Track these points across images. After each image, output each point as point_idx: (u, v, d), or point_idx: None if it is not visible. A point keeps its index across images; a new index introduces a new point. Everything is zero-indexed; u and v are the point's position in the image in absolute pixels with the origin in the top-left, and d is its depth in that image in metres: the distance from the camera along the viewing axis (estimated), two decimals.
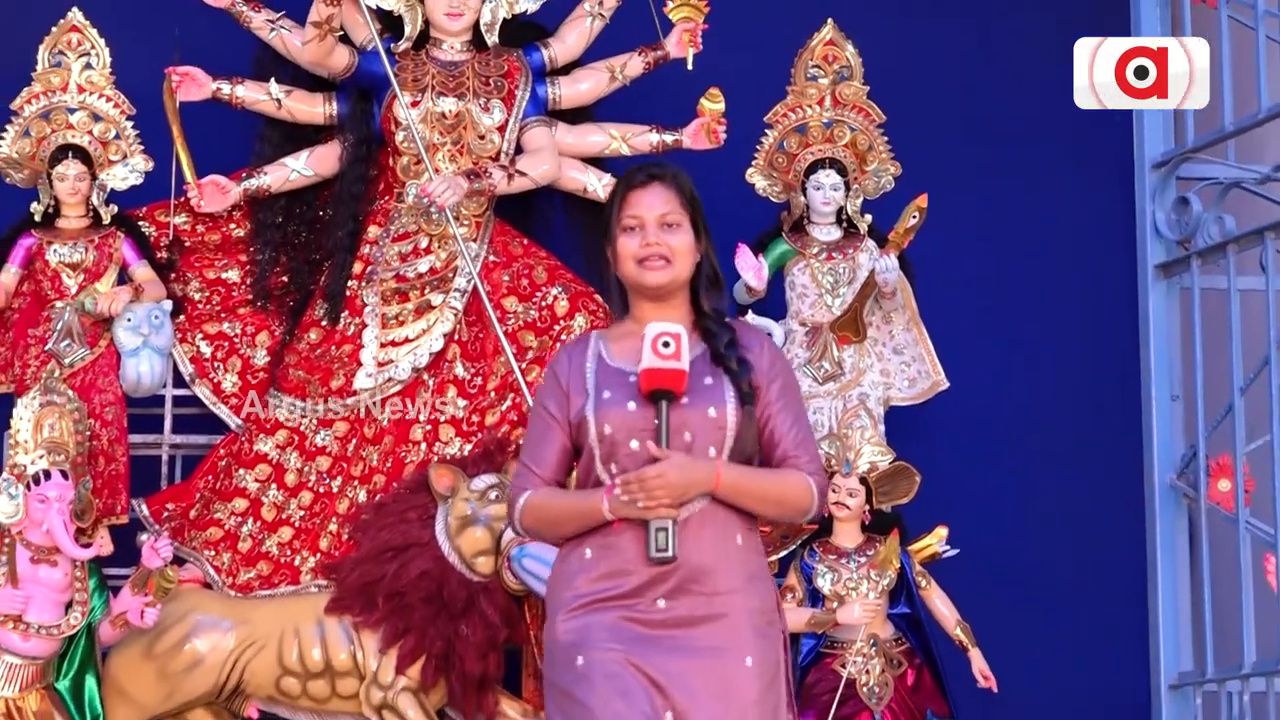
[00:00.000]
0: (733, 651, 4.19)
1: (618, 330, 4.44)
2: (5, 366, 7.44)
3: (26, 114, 7.52)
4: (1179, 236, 5.43)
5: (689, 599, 4.22)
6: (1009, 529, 7.84)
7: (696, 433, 4.26)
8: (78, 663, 6.95)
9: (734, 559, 4.27)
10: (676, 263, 4.33)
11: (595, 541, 4.27)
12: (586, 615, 4.24)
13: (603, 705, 4.14)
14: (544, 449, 4.39)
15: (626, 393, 4.28)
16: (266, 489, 7.49)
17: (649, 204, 4.35)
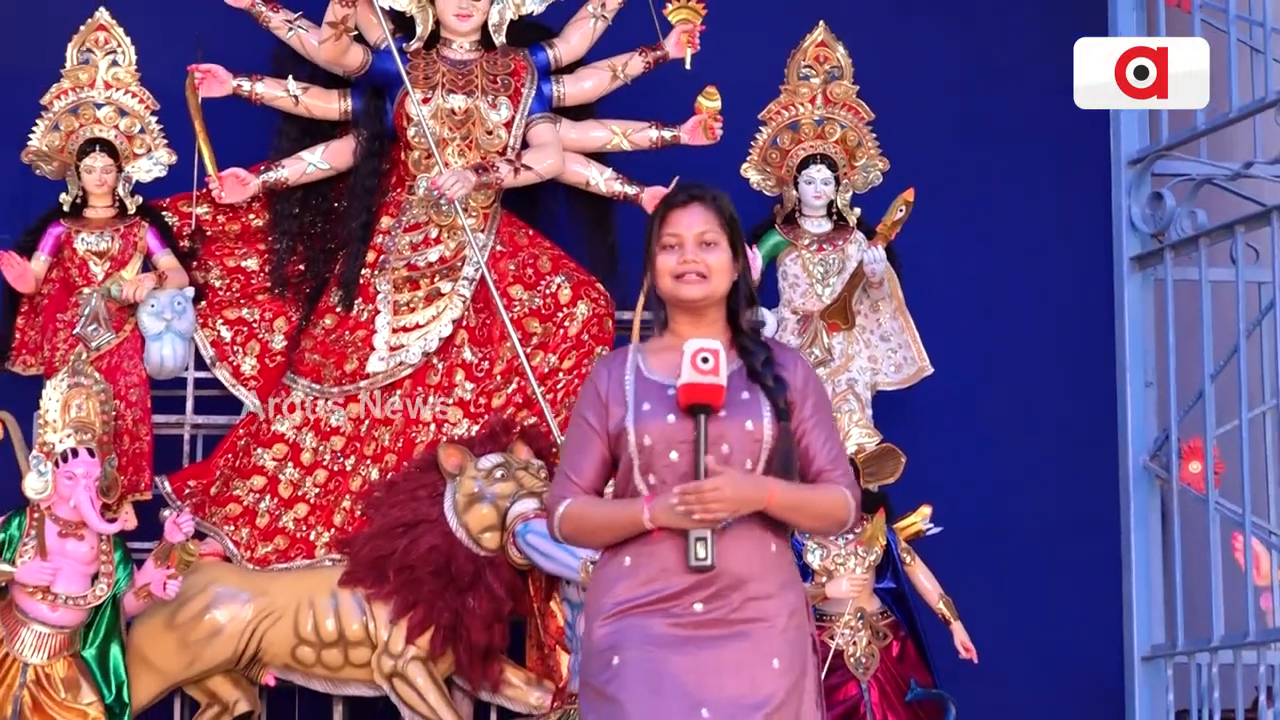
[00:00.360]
0: (762, 653, 4.16)
1: (656, 344, 4.40)
2: (35, 349, 7.45)
3: (56, 109, 7.53)
4: (1153, 230, 5.43)
5: (724, 604, 4.18)
6: (990, 508, 7.84)
7: (734, 445, 4.22)
8: (103, 632, 6.97)
9: (769, 567, 4.24)
10: (712, 279, 4.29)
11: (634, 549, 4.24)
12: (624, 619, 4.21)
13: (635, 701, 4.12)
14: (583, 459, 4.35)
15: (666, 405, 4.24)
16: (283, 467, 7.50)
17: (688, 223, 4.32)
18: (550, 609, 7.24)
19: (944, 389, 7.80)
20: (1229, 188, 5.49)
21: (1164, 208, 5.41)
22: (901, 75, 8.05)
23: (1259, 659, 5.23)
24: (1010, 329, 8.17)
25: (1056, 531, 7.75)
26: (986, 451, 8.04)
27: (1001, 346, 8.15)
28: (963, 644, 7.22)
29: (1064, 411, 7.66)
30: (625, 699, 4.14)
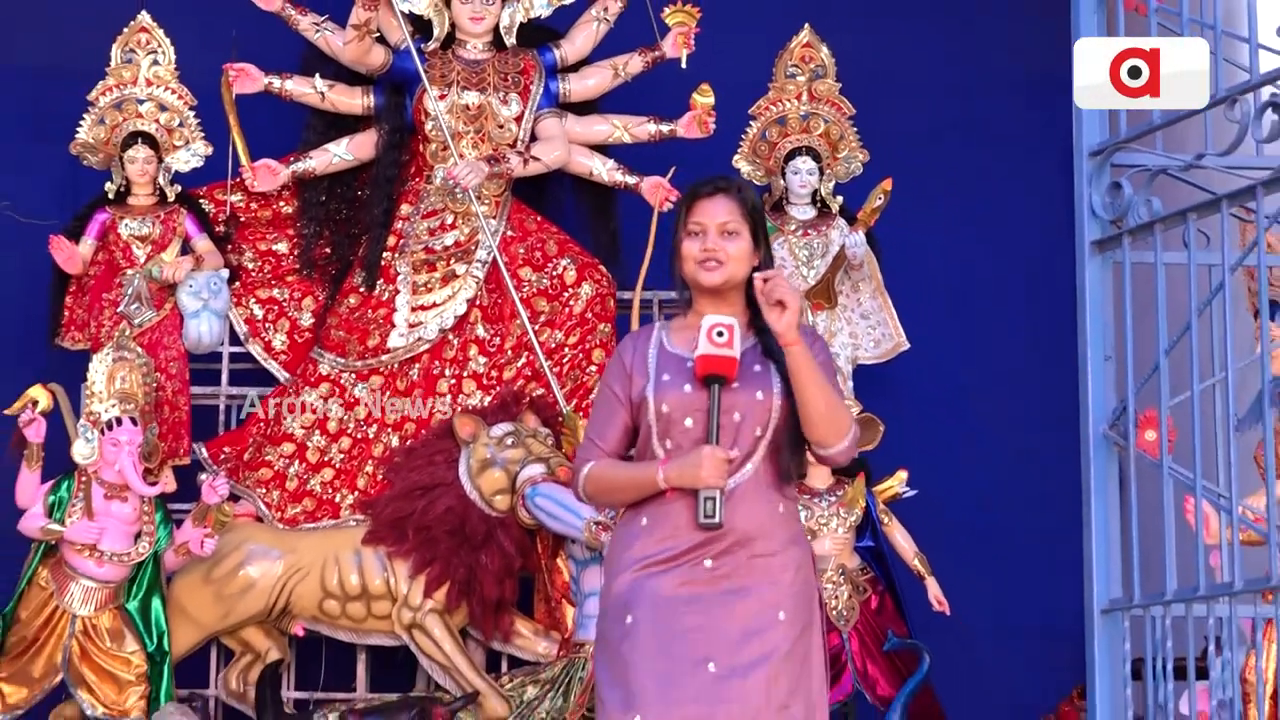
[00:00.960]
0: (769, 606, 4.15)
1: (679, 322, 4.38)
2: (82, 326, 7.46)
3: (101, 104, 7.55)
4: (1112, 217, 5.41)
5: (733, 560, 4.17)
6: (962, 473, 7.85)
7: (745, 414, 4.21)
8: (145, 586, 6.97)
9: (776, 525, 4.23)
10: (730, 266, 4.27)
11: (651, 509, 4.22)
12: (640, 578, 4.19)
13: (646, 660, 4.11)
14: (607, 426, 4.34)
15: (683, 376, 4.23)
16: (311, 435, 7.51)
17: (712, 213, 4.30)
18: (556, 565, 7.26)
19: (919, 363, 7.81)
20: (1182, 178, 5.48)
21: (1122, 196, 5.39)
22: (881, 74, 8.04)
23: (1208, 611, 5.23)
24: (981, 308, 8.17)
25: (1023, 494, 7.77)
26: (958, 421, 8.05)
27: (973, 324, 8.16)
28: (936, 598, 7.24)
29: (1030, 384, 7.67)
30: (637, 659, 4.13)
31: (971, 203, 8.20)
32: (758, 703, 4.09)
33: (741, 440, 4.21)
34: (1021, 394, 7.83)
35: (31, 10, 8.14)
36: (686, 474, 4.15)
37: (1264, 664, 5.62)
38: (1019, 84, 8.03)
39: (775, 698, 4.11)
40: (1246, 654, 5.52)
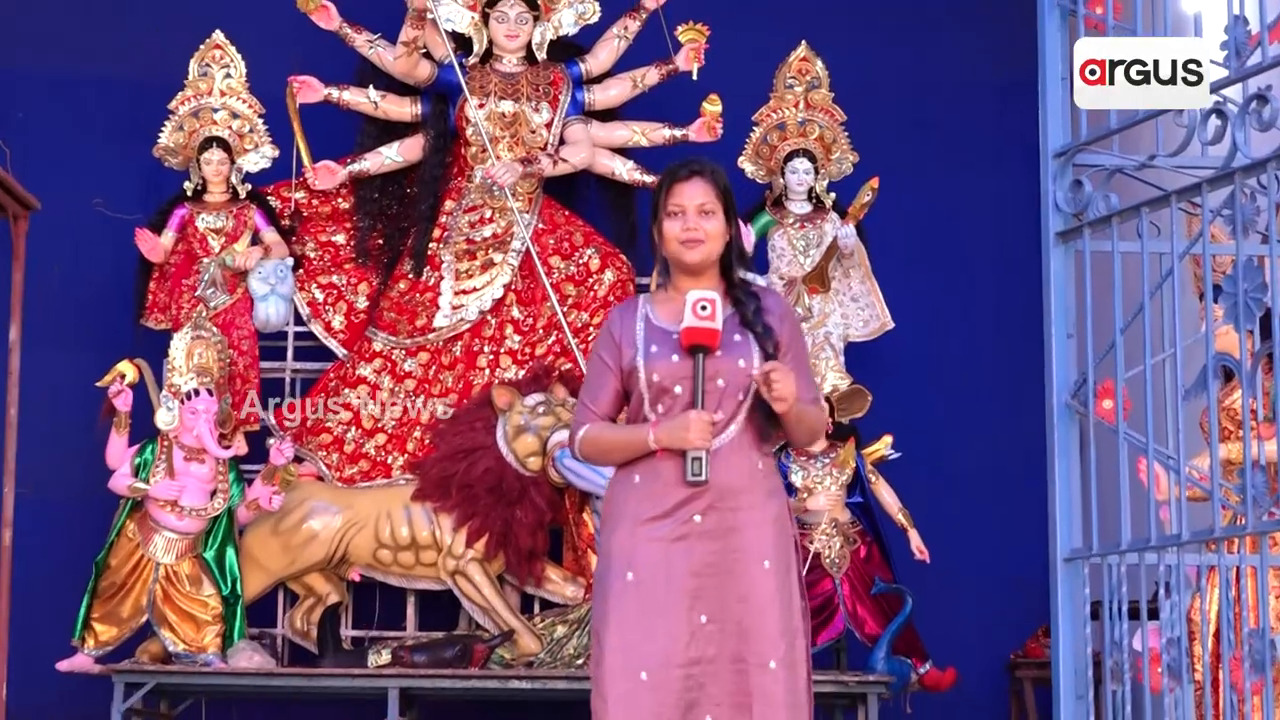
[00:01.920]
0: (754, 556, 4.13)
1: (661, 297, 4.34)
2: (164, 308, 7.47)
3: (180, 113, 7.55)
4: (1074, 211, 5.39)
5: (718, 514, 4.14)
6: (941, 437, 7.83)
7: (728, 380, 4.18)
8: (220, 538, 6.99)
9: (756, 480, 4.21)
10: (710, 243, 4.24)
11: (642, 467, 4.19)
12: (638, 535, 4.16)
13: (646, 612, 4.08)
14: (600, 392, 4.31)
15: (671, 347, 4.20)
16: (366, 404, 7.52)
17: (690, 194, 4.26)
18: (583, 519, 7.26)
19: (904, 340, 7.80)
20: (1136, 176, 5.45)
21: (1083, 193, 5.37)
22: (869, 84, 8.01)
23: (1158, 560, 5.21)
24: (959, 291, 8.16)
25: (994, 456, 7.76)
26: (938, 391, 8.03)
27: (951, 306, 8.14)
28: (918, 548, 7.23)
29: (1001, 358, 7.66)
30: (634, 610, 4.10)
31: (949, 198, 8.17)
32: (748, 647, 4.07)
33: (725, 404, 4.18)
34: (994, 367, 7.82)
35: (121, 31, 8.14)
36: (675, 436, 4.11)
37: (1207, 606, 5.61)
38: (991, 93, 8.00)
39: (764, 641, 4.09)
40: (1192, 597, 5.50)
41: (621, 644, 4.08)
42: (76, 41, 8.16)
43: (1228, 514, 5.38)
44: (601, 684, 4.09)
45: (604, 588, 4.19)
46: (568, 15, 7.76)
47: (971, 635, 7.62)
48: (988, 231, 7.97)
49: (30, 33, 8.22)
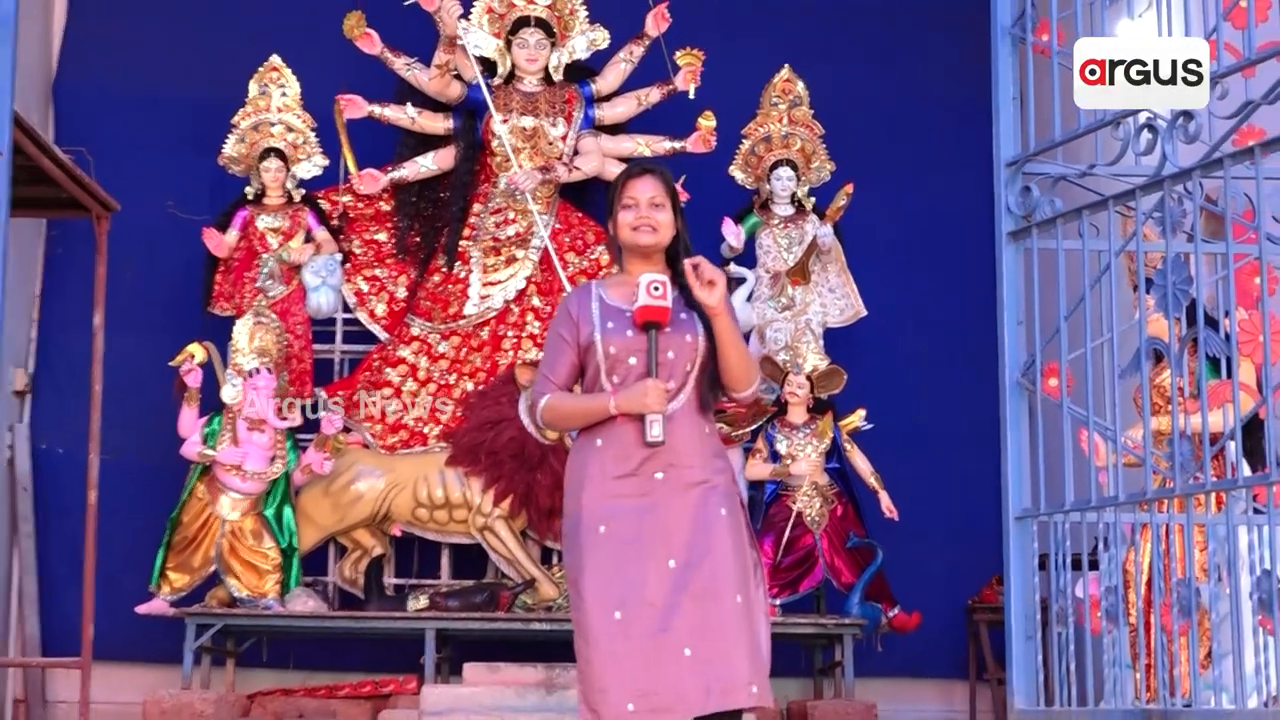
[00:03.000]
0: (711, 507, 4.09)
1: (614, 280, 4.30)
2: (229, 297, 7.49)
3: (242, 127, 7.57)
4: (1024, 213, 5.38)
5: (676, 471, 4.09)
6: (908, 412, 7.83)
7: (677, 353, 4.14)
8: (279, 497, 7.02)
9: (705, 442, 4.17)
10: (660, 231, 4.20)
11: (604, 432, 4.13)
12: (605, 491, 4.12)
13: (619, 559, 4.05)
14: (558, 365, 4.24)
15: (625, 324, 4.15)
16: (405, 381, 7.53)
17: (642, 189, 4.22)
18: None
19: (875, 326, 7.80)
20: (1078, 183, 5.45)
21: (1031, 198, 5.37)
22: (846, 101, 8.01)
23: (1098, 518, 5.22)
24: (923, 283, 8.15)
25: (954, 427, 7.76)
26: (906, 371, 8.04)
27: (917, 296, 8.14)
28: (887, 508, 7.24)
29: (960, 342, 7.65)
30: (609, 559, 4.06)
31: (915, 202, 8.17)
32: (714, 584, 4.03)
33: (675, 374, 4.14)
34: (953, 350, 7.81)
35: (190, 56, 8.14)
36: (634, 402, 4.08)
37: (1140, 558, 5.62)
38: (951, 109, 7.99)
39: (728, 578, 4.05)
40: (1127, 551, 5.52)
41: (598, 588, 4.04)
42: (151, 65, 8.17)
43: (1158, 478, 5.39)
44: (583, 625, 4.05)
45: (576, 541, 4.14)
46: (580, 42, 7.76)
47: (934, 584, 7.63)
48: (948, 231, 7.97)
49: (111, 58, 8.24)
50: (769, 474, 7.21)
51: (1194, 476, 5.01)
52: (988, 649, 7.63)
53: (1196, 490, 5.01)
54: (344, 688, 7.13)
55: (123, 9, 8.27)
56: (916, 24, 8.28)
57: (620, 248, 4.30)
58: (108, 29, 8.27)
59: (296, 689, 7.24)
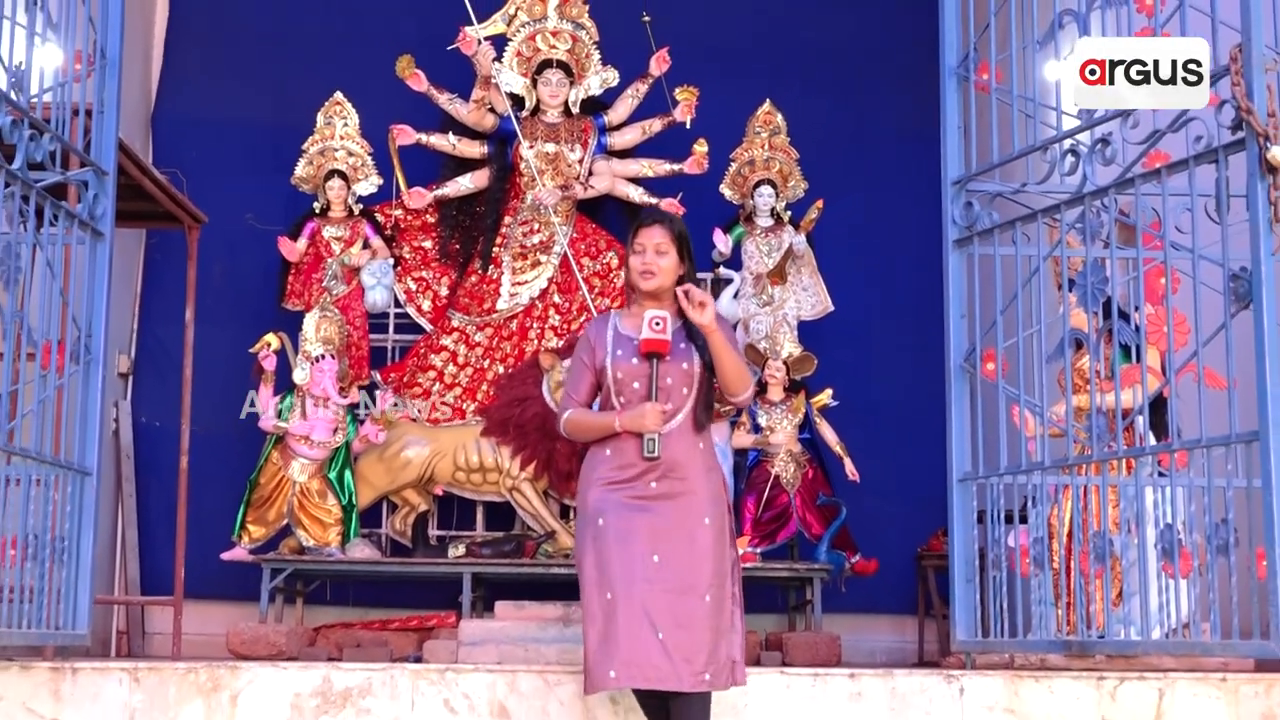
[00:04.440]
0: (695, 514, 4.10)
1: (627, 313, 4.30)
2: (299, 295, 7.48)
3: (310, 152, 7.55)
4: (966, 225, 5.37)
5: (669, 482, 4.10)
6: (870, 392, 7.83)
7: (675, 379, 4.14)
8: (340, 462, 7.01)
9: (698, 457, 4.16)
10: (660, 276, 4.19)
11: (611, 444, 4.16)
12: (607, 492, 4.13)
13: (611, 548, 4.05)
14: (579, 384, 4.26)
15: (631, 352, 4.16)
16: (447, 365, 7.54)
17: (649, 236, 4.22)
18: None
19: (841, 319, 7.80)
20: (1012, 198, 5.44)
21: (973, 211, 5.36)
22: (817, 129, 7.99)
23: (1027, 480, 5.22)
24: (881, 283, 8.15)
25: (907, 404, 7.75)
26: (867, 357, 8.04)
27: (876, 294, 8.14)
28: (850, 471, 7.24)
29: (913, 333, 7.65)
30: (606, 550, 4.06)
31: (875, 214, 8.17)
32: (689, 581, 4.04)
33: (673, 398, 4.15)
34: (907, 339, 7.81)
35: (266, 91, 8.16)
36: (635, 421, 4.09)
37: (1062, 514, 5.62)
38: (907, 136, 7.96)
39: (702, 578, 4.05)
40: (1051, 508, 5.51)
41: (595, 570, 4.06)
42: (234, 99, 8.20)
43: (1078, 446, 5.39)
44: (584, 602, 4.09)
45: (582, 530, 4.16)
46: (594, 80, 7.75)
47: (889, 535, 7.63)
48: (902, 240, 7.96)
49: (200, 93, 8.27)
50: (751, 443, 7.21)
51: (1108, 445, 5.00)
52: (934, 590, 7.64)
53: (1110, 457, 5.01)
54: (394, 622, 7.15)
55: (211, 53, 8.29)
56: (877, 65, 8.28)
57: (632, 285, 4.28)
58: (197, 69, 8.30)
59: (354, 623, 7.26)
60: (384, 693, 4.70)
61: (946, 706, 4.73)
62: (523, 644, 5.89)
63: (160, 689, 4.70)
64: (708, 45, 8.11)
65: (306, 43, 8.21)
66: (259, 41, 8.25)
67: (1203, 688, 4.75)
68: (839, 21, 8.37)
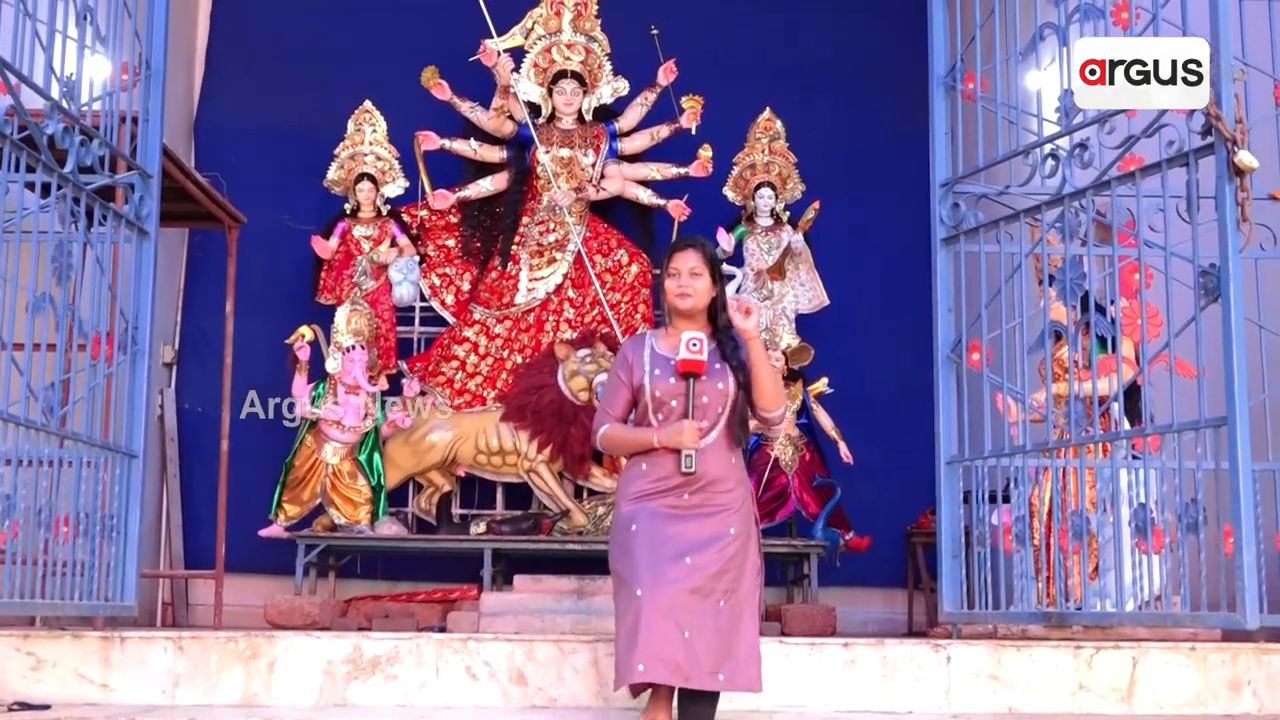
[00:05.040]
0: (724, 524, 4.06)
1: (663, 333, 4.23)
2: (331, 290, 7.46)
3: (341, 157, 7.54)
4: (953, 224, 5.36)
5: (703, 494, 4.06)
6: (863, 380, 7.83)
7: (710, 397, 4.09)
8: (370, 445, 7.01)
9: (730, 471, 4.12)
10: (695, 298, 4.13)
11: (648, 459, 4.10)
12: (641, 502, 4.08)
13: (643, 551, 4.01)
14: (615, 400, 4.19)
15: (669, 371, 4.10)
16: (469, 355, 7.53)
17: (683, 260, 4.15)
18: None
19: (837, 312, 7.78)
20: (996, 200, 5.43)
21: (960, 212, 5.35)
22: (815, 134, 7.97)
23: (1009, 463, 5.21)
24: (875, 279, 8.14)
25: (898, 391, 7.74)
26: (861, 348, 8.02)
27: (869, 289, 8.12)
28: (845, 454, 7.24)
29: (903, 325, 7.61)
30: (638, 553, 4.02)
31: (868, 214, 8.14)
32: (714, 585, 4.00)
33: (709, 415, 4.10)
34: (898, 331, 7.78)
35: (301, 100, 8.14)
36: (673, 438, 4.04)
37: (1042, 494, 5.60)
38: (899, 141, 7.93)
39: (727, 584, 4.02)
40: (1032, 488, 5.50)
41: (627, 571, 4.02)
42: (270, 108, 8.19)
43: (1057, 431, 5.38)
44: (617, 599, 4.05)
45: (617, 536, 4.12)
46: (606, 90, 7.74)
47: (881, 514, 7.62)
48: (894, 238, 7.93)
49: (238, 102, 8.27)
50: (753, 428, 7.17)
51: (1085, 430, 4.99)
52: (923, 565, 7.63)
53: (1087, 441, 5.00)
54: (420, 594, 7.16)
55: (249, 65, 8.29)
56: (869, 76, 8.25)
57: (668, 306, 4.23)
58: (236, 80, 8.30)
59: (383, 595, 7.27)
60: (410, 660, 4.71)
61: (934, 673, 4.73)
62: (539, 615, 5.89)
63: (202, 656, 4.71)
64: (712, 57, 8.09)
65: (337, 55, 8.20)
66: (294, 54, 8.24)
67: (1173, 656, 4.75)
68: (834, 35, 8.35)
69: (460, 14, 7.42)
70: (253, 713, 4.45)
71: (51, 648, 4.67)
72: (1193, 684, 4.71)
